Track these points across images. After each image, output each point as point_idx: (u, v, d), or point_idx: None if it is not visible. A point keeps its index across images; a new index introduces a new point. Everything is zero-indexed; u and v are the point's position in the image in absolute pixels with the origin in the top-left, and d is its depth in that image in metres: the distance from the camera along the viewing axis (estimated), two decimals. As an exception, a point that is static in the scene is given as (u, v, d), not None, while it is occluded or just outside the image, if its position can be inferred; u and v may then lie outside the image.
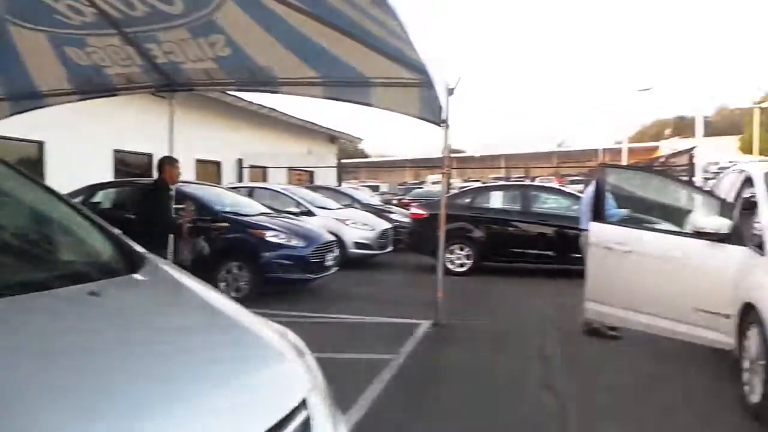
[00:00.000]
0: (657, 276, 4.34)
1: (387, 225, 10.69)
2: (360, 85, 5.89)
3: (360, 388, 3.84)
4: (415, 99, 5.78)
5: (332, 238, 7.83)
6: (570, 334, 5.50)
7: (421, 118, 5.87)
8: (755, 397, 3.43)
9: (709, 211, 4.32)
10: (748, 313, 3.61)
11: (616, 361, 4.80)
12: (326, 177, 19.17)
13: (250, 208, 7.88)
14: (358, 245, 9.82)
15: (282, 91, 6.45)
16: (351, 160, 45.25)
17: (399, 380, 4.15)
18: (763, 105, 38.40)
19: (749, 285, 3.67)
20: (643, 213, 5.48)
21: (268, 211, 8.03)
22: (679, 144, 31.07)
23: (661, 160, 16.00)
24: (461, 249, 9.30)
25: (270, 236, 6.99)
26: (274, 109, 17.06)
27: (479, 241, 9.28)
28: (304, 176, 19.78)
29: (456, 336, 5.51)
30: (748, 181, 4.33)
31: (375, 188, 27.26)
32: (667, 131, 54.36)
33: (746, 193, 4.31)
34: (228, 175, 15.67)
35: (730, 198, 4.63)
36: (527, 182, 17.08)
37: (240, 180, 15.32)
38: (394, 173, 44.97)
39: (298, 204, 10.05)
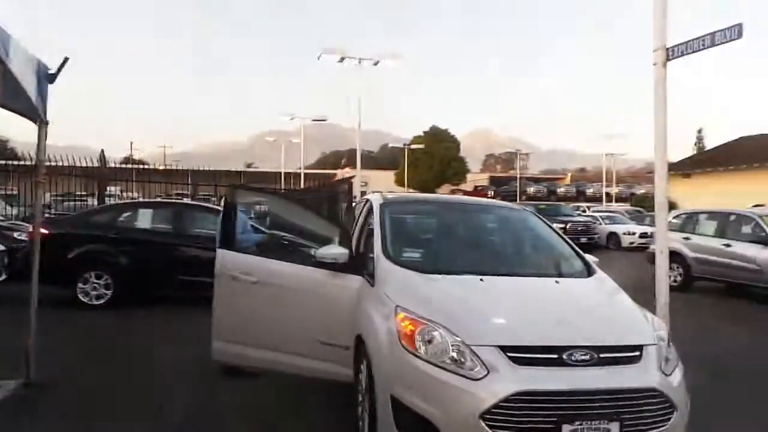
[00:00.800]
0: (283, 308, 3.99)
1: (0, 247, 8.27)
2: None
3: None
4: None
5: None
6: (207, 375, 4.78)
7: (6, 108, 4.37)
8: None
9: (333, 239, 4.17)
10: (359, 345, 3.48)
11: (251, 403, 4.32)
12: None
13: None
14: (-56, 275, 7.24)
15: None
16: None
17: None
18: (413, 146, 46.44)
19: (359, 316, 3.57)
20: (292, 237, 5.18)
21: None
22: (350, 173, 34.86)
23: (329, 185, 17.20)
24: (99, 277, 7.72)
25: None
26: None
27: (122, 267, 7.82)
28: None
29: (49, 399, 4.20)
30: (371, 211, 4.37)
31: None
32: (344, 160, 61.10)
33: (368, 223, 4.34)
34: None
35: (358, 226, 4.64)
36: (184, 200, 15.81)
37: None
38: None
39: None
